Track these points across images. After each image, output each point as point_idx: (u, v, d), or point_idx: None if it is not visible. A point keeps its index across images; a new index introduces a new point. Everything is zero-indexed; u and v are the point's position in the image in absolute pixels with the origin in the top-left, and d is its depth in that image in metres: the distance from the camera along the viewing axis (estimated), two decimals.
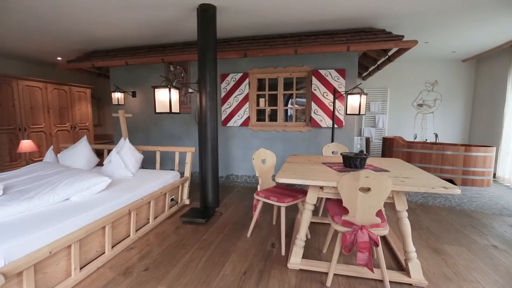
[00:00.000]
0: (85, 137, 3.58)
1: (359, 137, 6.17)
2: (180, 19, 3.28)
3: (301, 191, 2.51)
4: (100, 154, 3.88)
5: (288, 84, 4.39)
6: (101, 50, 4.80)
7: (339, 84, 3.98)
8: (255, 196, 2.49)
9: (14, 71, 5.48)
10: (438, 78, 5.72)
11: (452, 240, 2.55)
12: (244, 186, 4.44)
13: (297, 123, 4.36)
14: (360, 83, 3.81)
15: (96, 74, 5.79)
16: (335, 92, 3.69)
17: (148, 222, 2.78)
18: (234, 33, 3.92)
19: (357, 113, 3.27)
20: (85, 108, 6.39)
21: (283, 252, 2.27)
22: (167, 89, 2.66)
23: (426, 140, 5.71)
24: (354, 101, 3.28)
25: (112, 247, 2.26)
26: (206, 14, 2.93)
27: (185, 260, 2.17)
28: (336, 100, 3.89)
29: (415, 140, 5.54)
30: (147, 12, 3.07)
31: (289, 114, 5.82)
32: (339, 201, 2.06)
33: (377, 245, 1.72)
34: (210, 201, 3.23)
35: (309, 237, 2.55)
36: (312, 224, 2.78)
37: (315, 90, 4.06)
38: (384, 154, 5.27)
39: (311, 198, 2.00)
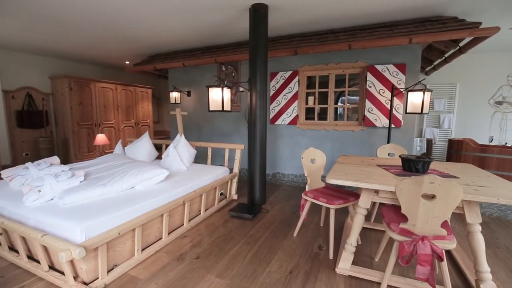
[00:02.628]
0: (147, 132, 3.97)
1: (419, 139, 5.58)
2: (233, 20, 3.38)
3: (352, 193, 2.38)
4: (158, 148, 4.26)
5: (339, 81, 4.19)
6: (162, 53, 5.24)
7: (398, 80, 3.65)
8: (303, 196, 2.45)
9: (92, 75, 6.35)
10: None
11: None
12: (290, 185, 4.40)
13: (348, 122, 4.14)
14: (423, 79, 3.43)
15: (157, 76, 6.35)
16: (393, 89, 3.40)
17: (200, 214, 2.96)
18: (284, 31, 3.90)
19: (419, 112, 2.96)
20: (146, 107, 7.08)
21: (331, 256, 2.19)
22: (220, 88, 2.77)
23: (506, 143, 4.88)
24: (415, 99, 2.98)
25: (168, 233, 2.46)
26: (258, 14, 2.96)
27: (233, 253, 2.25)
28: (394, 98, 3.58)
29: (491, 144, 4.78)
30: (203, 15, 3.24)
31: (339, 113, 5.56)
32: (396, 207, 1.90)
33: (441, 259, 1.54)
34: (257, 197, 3.29)
35: (359, 242, 2.41)
36: (363, 229, 2.63)
37: (370, 87, 3.80)
38: (449, 158, 4.67)
39: (364, 202, 1.89)
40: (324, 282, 1.88)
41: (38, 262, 1.95)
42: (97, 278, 1.81)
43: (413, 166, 1.98)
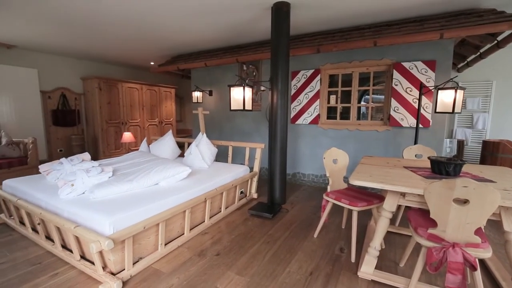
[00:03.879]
0: (170, 131, 4.09)
1: (449, 140, 5.28)
2: (254, 19, 3.39)
3: (376, 195, 2.30)
4: (181, 147, 4.37)
5: (363, 80, 4.06)
6: (185, 54, 5.37)
7: (427, 78, 3.47)
8: (325, 197, 2.40)
9: (119, 76, 6.65)
10: None
11: None
12: (310, 185, 4.34)
13: (372, 122, 4.00)
14: (455, 76, 3.23)
15: (180, 76, 6.52)
16: (421, 87, 3.24)
17: (220, 211, 3.00)
18: (306, 29, 3.84)
19: (450, 111, 2.79)
20: (170, 106, 7.30)
21: (352, 259, 2.13)
22: (242, 88, 2.79)
23: None
24: (446, 97, 2.81)
25: (190, 229, 2.52)
26: (280, 12, 2.95)
27: (253, 251, 2.26)
28: (423, 96, 3.41)
29: None
30: (226, 16, 3.27)
31: (362, 112, 5.40)
32: (423, 211, 1.81)
33: (474, 268, 1.44)
34: (277, 197, 3.28)
35: (383, 247, 2.32)
36: (387, 233, 2.52)
37: (396, 85, 3.65)
38: (483, 161, 4.37)
39: (389, 205, 1.82)
40: (346, 286, 1.83)
41: (70, 251, 2.07)
42: (124, 269, 1.90)
43: (444, 168, 1.88)
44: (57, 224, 1.95)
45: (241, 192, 3.40)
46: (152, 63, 6.21)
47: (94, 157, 5.66)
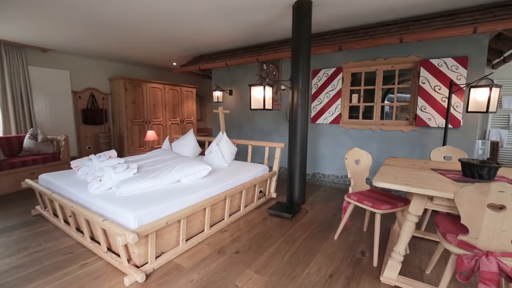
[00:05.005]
0: (191, 130, 4.18)
1: (481, 141, 4.95)
2: (275, 18, 3.37)
3: (401, 198, 2.21)
4: (201, 145, 4.46)
5: (387, 78, 3.91)
6: (206, 54, 5.46)
7: (458, 75, 3.27)
8: (346, 198, 2.34)
9: (143, 76, 6.90)
10: None
11: None
12: (330, 186, 4.26)
13: (397, 122, 3.85)
14: (490, 73, 3.02)
15: (201, 76, 6.65)
16: (451, 85, 3.06)
17: (239, 210, 3.03)
18: (328, 27, 3.76)
19: (484, 110, 2.62)
20: (191, 105, 7.46)
21: (375, 263, 2.06)
22: (262, 87, 2.79)
23: None
24: (479, 96, 2.64)
25: (210, 227, 2.57)
26: (302, 10, 2.91)
27: (271, 251, 2.26)
28: (453, 95, 3.22)
29: None
30: (247, 15, 3.29)
31: (385, 111, 5.20)
32: (453, 216, 1.71)
33: (511, 280, 1.35)
34: (297, 197, 3.25)
35: (408, 252, 2.23)
36: (412, 238, 2.41)
37: (423, 83, 3.48)
38: None
39: (416, 209, 1.74)
40: None
41: (98, 243, 2.19)
42: (147, 262, 1.97)
43: (477, 171, 1.76)
44: (86, 217, 2.07)
45: (260, 191, 3.40)
46: (174, 63, 6.38)
47: (120, 154, 5.92)
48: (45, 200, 2.81)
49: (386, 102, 4.70)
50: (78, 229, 2.46)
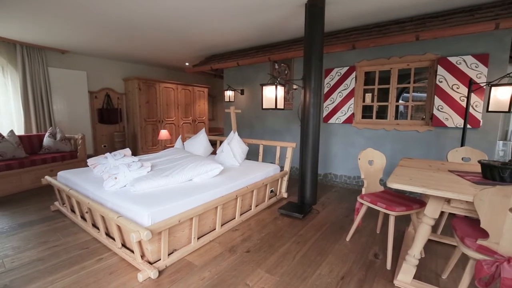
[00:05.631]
0: (203, 129, 4.23)
1: (502, 142, 4.75)
2: (287, 17, 3.35)
3: (416, 200, 2.15)
4: (213, 144, 4.49)
5: (402, 76, 3.81)
6: (218, 54, 5.50)
7: (478, 73, 3.15)
8: (359, 199, 2.30)
9: (157, 76, 7.02)
10: None
11: None
12: (342, 186, 4.20)
13: (412, 121, 3.74)
14: None
15: (213, 75, 6.70)
16: (470, 83, 2.95)
17: (250, 209, 3.03)
18: (341, 25, 3.71)
19: (506, 110, 2.51)
20: (203, 105, 7.53)
21: (388, 266, 2.02)
22: (274, 86, 2.78)
23: None
24: (501, 95, 2.53)
25: (221, 225, 2.59)
26: (314, 9, 2.88)
27: (282, 251, 2.25)
28: (472, 94, 3.11)
29: None
30: (258, 15, 3.28)
31: (400, 111, 5.07)
32: (472, 220, 1.65)
33: None
34: (308, 197, 3.22)
35: (423, 255, 2.17)
36: (428, 241, 2.35)
37: (440, 82, 3.37)
38: None
39: (431, 211, 1.69)
40: None
41: (113, 239, 2.24)
42: (160, 259, 2.01)
43: (498, 173, 1.69)
44: (102, 213, 2.12)
45: (271, 191, 3.39)
46: (187, 63, 6.46)
47: (134, 153, 6.05)
48: (63, 197, 2.91)
49: (400, 101, 4.58)
50: (94, 225, 2.53)
